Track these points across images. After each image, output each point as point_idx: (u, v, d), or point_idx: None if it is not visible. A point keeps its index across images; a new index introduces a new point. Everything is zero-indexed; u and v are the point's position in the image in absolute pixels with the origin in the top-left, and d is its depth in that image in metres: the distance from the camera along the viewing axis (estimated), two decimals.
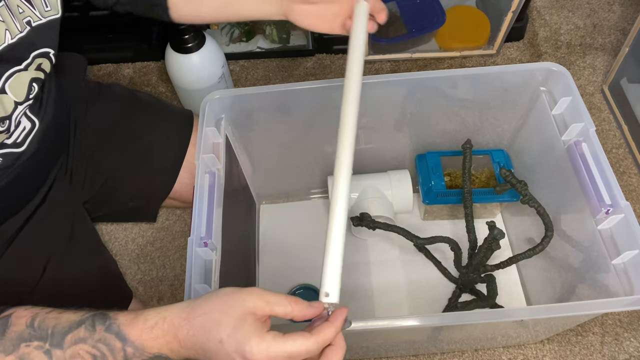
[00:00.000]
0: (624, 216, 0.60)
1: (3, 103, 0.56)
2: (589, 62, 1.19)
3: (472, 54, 1.20)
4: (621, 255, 0.59)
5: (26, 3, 0.55)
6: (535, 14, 1.29)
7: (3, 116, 0.57)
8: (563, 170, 0.70)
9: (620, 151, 1.05)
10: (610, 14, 1.27)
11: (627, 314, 0.87)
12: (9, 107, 0.57)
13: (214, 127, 0.71)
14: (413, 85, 0.74)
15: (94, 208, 0.83)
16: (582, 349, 0.84)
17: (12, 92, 0.57)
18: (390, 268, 0.91)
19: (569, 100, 0.70)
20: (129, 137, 0.82)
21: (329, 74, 1.20)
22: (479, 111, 0.82)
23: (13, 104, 0.58)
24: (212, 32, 1.22)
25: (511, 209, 0.93)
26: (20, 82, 0.57)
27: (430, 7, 1.19)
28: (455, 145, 0.87)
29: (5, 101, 0.56)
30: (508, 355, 0.84)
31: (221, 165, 0.69)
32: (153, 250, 0.97)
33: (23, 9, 0.55)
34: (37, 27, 0.57)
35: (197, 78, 1.01)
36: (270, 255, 0.94)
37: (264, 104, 0.75)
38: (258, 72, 1.22)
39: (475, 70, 0.74)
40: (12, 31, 0.54)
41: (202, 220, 0.61)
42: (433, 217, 0.95)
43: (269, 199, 1.00)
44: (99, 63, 1.25)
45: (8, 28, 0.54)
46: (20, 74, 0.56)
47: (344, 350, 0.44)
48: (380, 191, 0.91)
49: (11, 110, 0.58)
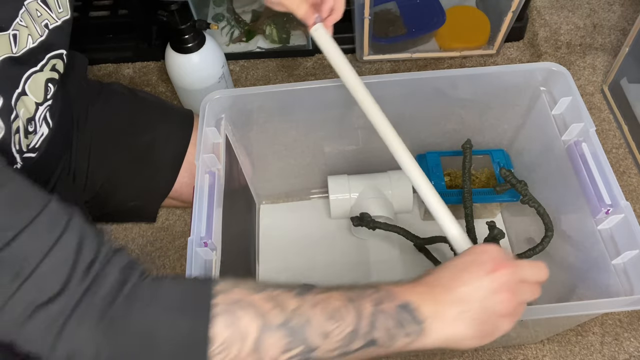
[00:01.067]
0: (624, 216, 0.60)
1: (26, 104, 0.57)
2: (589, 62, 1.19)
3: (472, 54, 1.20)
4: (621, 255, 0.59)
5: (43, 6, 0.56)
6: (535, 14, 1.29)
7: (29, 117, 0.58)
8: (563, 170, 0.70)
9: (620, 151, 1.05)
10: (610, 14, 1.27)
11: (627, 314, 0.87)
12: (31, 109, 0.58)
13: (214, 127, 0.71)
14: (413, 85, 0.74)
15: (94, 208, 0.83)
16: (582, 349, 0.84)
17: (32, 93, 0.57)
18: (390, 268, 0.91)
19: (569, 100, 0.70)
20: (130, 136, 0.82)
21: (329, 74, 1.20)
22: (479, 111, 0.82)
23: (34, 104, 0.58)
24: (212, 32, 1.22)
25: (511, 209, 0.93)
26: (37, 83, 0.58)
27: (430, 7, 1.19)
28: (455, 145, 0.87)
29: (28, 102, 0.57)
30: (508, 355, 0.84)
31: (221, 165, 0.69)
32: (153, 250, 0.97)
33: (41, 12, 0.55)
34: (54, 30, 0.58)
35: (197, 78, 1.01)
36: (270, 255, 0.94)
37: (264, 104, 0.75)
38: (258, 72, 1.22)
39: (475, 70, 0.74)
40: (34, 35, 0.55)
41: (202, 220, 0.61)
42: (433, 217, 0.95)
43: (269, 199, 1.00)
44: (99, 63, 1.25)
45: (30, 33, 0.54)
46: (36, 75, 0.57)
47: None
48: (380, 191, 0.91)
49: (34, 111, 0.59)
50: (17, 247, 0.37)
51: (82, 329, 0.38)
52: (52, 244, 0.39)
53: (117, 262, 0.41)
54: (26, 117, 0.57)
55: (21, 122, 0.56)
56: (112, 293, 0.40)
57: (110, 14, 1.20)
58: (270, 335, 0.41)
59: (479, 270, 0.46)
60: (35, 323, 0.37)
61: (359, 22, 1.08)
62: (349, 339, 0.43)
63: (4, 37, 0.51)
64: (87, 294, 0.39)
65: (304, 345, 0.42)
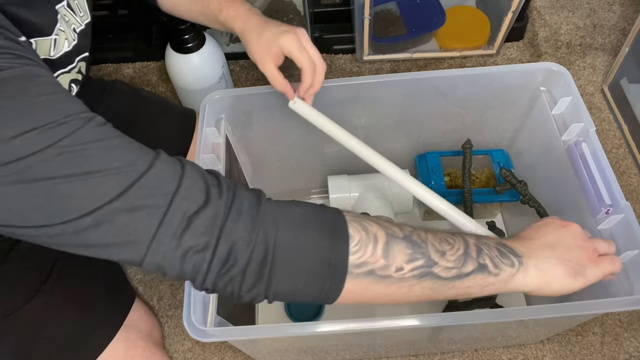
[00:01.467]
0: (624, 216, 0.60)
1: None
2: (589, 62, 1.19)
3: (472, 54, 1.20)
4: (621, 256, 0.59)
5: (70, 11, 0.56)
6: (535, 14, 1.29)
7: None
8: (563, 170, 0.70)
9: (620, 151, 1.05)
10: (610, 14, 1.27)
11: (627, 314, 0.87)
12: None
13: (214, 127, 0.71)
14: (413, 85, 0.74)
15: None
16: (582, 349, 0.84)
17: None
18: None
19: (569, 100, 0.70)
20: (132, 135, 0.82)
21: (328, 74, 1.20)
22: (479, 111, 0.82)
23: None
24: (212, 32, 1.22)
25: (511, 209, 0.93)
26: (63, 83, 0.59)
27: (430, 7, 1.19)
28: (455, 145, 0.87)
29: None
30: (508, 355, 0.84)
31: (221, 165, 0.69)
32: None
33: (68, 18, 0.56)
34: (80, 33, 0.59)
35: (197, 78, 1.01)
36: None
37: (264, 104, 0.75)
38: (258, 72, 1.22)
39: (475, 70, 0.74)
40: (69, 40, 0.56)
41: None
42: (433, 217, 0.95)
43: None
44: (99, 63, 1.25)
45: (67, 37, 0.55)
46: (63, 75, 0.58)
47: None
48: (380, 191, 0.91)
49: None
50: (154, 174, 0.40)
51: (240, 224, 0.41)
52: (182, 172, 0.42)
53: (241, 186, 0.44)
54: None
55: None
56: (254, 204, 0.43)
57: (110, 14, 1.20)
58: (396, 244, 0.45)
59: (554, 226, 0.53)
60: (194, 230, 0.40)
61: (359, 22, 1.08)
62: (462, 260, 0.46)
63: (46, 42, 0.52)
64: (234, 201, 0.42)
65: (425, 258, 0.45)
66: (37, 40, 0.51)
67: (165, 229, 0.39)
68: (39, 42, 0.51)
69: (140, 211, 0.38)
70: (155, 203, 0.39)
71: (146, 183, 0.39)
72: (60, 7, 0.54)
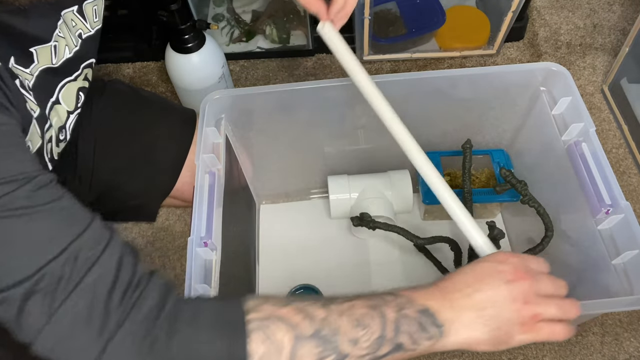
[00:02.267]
0: (624, 216, 0.60)
1: (59, 113, 0.57)
2: (589, 62, 1.19)
3: (472, 54, 1.20)
4: (621, 255, 0.59)
5: (79, 16, 0.56)
6: (535, 14, 1.29)
7: (60, 126, 0.58)
8: (563, 170, 0.70)
9: (620, 151, 1.05)
10: (610, 14, 1.27)
11: (627, 314, 0.87)
12: (63, 117, 0.59)
13: (214, 127, 0.71)
14: (413, 85, 0.74)
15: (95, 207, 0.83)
16: (582, 349, 0.84)
17: (64, 102, 0.58)
18: (390, 268, 0.91)
19: (569, 100, 0.70)
20: (132, 135, 0.82)
21: (329, 74, 1.20)
22: (479, 111, 0.82)
23: (66, 113, 0.59)
24: (212, 32, 1.22)
25: (511, 209, 0.93)
26: (70, 92, 0.59)
27: (430, 7, 1.19)
28: (455, 145, 0.87)
29: (60, 111, 0.58)
30: (508, 355, 0.84)
31: (221, 165, 0.69)
32: (153, 250, 0.97)
33: (75, 23, 0.56)
34: (87, 39, 0.58)
35: (197, 78, 1.01)
36: (270, 255, 0.94)
37: (264, 104, 0.75)
38: (258, 72, 1.22)
39: (475, 70, 0.74)
40: (70, 46, 0.55)
41: (202, 220, 0.61)
42: (433, 217, 0.95)
43: (269, 199, 1.00)
44: (99, 63, 1.24)
45: (67, 44, 0.55)
46: (70, 84, 0.58)
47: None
48: (380, 191, 0.91)
49: (65, 120, 0.59)
50: (58, 263, 0.38)
51: (125, 349, 0.39)
52: (95, 260, 0.40)
53: (155, 282, 0.42)
54: (58, 126, 0.58)
55: (54, 131, 0.56)
56: (154, 313, 0.40)
57: (110, 14, 1.20)
58: (304, 346, 0.42)
59: (497, 278, 0.48)
60: (79, 340, 0.38)
61: (359, 22, 1.08)
62: (377, 345, 0.44)
63: (46, 49, 0.51)
64: (130, 313, 0.40)
65: (336, 353, 0.43)
66: (37, 48, 0.50)
67: (50, 331, 0.38)
68: (39, 50, 0.50)
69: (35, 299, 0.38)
70: (48, 299, 0.38)
71: (52, 270, 0.38)
72: (67, 13, 0.53)
